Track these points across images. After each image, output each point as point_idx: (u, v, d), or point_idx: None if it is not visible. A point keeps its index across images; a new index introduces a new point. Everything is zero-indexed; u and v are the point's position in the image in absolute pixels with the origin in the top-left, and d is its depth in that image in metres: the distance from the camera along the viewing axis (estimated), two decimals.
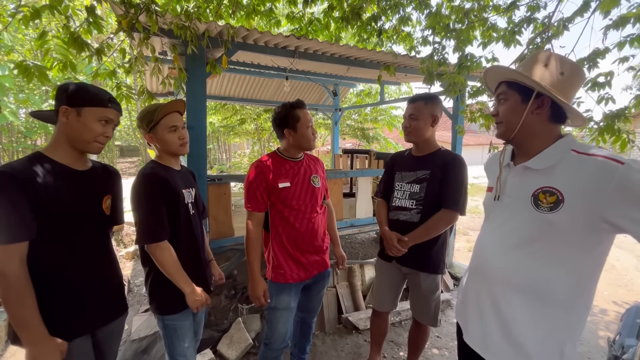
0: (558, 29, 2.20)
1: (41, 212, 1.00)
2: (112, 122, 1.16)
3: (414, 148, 1.85)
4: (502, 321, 0.97)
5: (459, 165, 1.69)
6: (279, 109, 1.63)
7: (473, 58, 2.44)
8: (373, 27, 3.06)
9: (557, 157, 0.92)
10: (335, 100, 5.62)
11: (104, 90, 1.16)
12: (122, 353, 2.30)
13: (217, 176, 2.57)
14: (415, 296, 1.85)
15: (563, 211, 0.86)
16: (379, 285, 1.97)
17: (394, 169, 1.88)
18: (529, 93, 0.94)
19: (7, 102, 8.09)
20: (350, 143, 13.15)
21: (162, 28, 2.04)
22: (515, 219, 0.98)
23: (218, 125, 10.90)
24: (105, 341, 1.25)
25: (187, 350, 1.46)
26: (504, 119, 1.00)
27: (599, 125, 1.98)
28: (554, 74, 0.93)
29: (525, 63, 1.00)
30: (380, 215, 1.90)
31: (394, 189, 1.84)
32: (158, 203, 1.30)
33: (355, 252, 3.20)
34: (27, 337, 0.98)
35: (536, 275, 0.92)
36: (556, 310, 0.91)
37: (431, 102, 1.71)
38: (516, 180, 1.01)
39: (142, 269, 1.45)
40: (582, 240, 0.87)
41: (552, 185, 0.89)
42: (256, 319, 2.56)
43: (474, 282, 1.10)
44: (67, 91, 1.09)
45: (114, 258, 1.29)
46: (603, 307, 3.25)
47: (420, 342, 1.96)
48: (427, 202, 1.70)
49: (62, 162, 1.10)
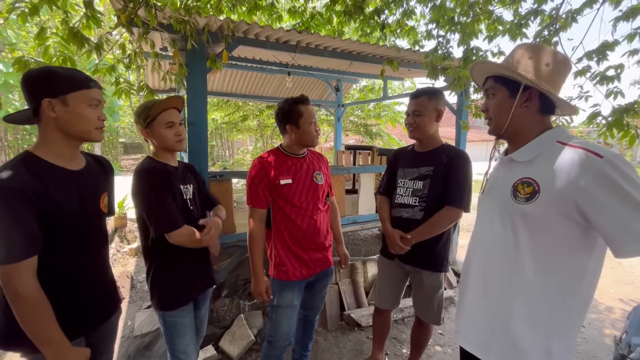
0: (566, 21, 2.15)
1: (46, 222, 0.95)
2: (100, 103, 1.07)
3: (417, 144, 1.81)
4: (501, 320, 0.96)
5: (463, 161, 1.65)
6: (282, 104, 1.60)
7: (478, 52, 2.40)
8: (376, 21, 3.01)
9: (541, 148, 0.91)
10: (337, 96, 5.58)
11: (75, 69, 1.06)
12: (124, 349, 2.32)
13: (219, 172, 2.56)
14: (418, 294, 1.82)
15: (538, 202, 0.86)
16: (381, 283, 1.95)
17: (397, 166, 1.85)
18: (516, 87, 0.93)
19: (11, 99, 8.14)
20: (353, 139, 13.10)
21: (161, 22, 2.01)
22: (498, 212, 0.98)
23: (221, 122, 10.89)
24: (99, 341, 1.21)
25: (187, 347, 1.45)
26: (493, 114, 1.00)
27: (607, 120, 1.93)
28: (540, 65, 0.91)
29: (510, 57, 0.99)
30: (382, 213, 1.86)
31: (397, 186, 1.81)
32: (164, 193, 1.31)
33: (357, 248, 3.19)
34: (52, 353, 0.94)
35: (521, 270, 0.91)
36: (542, 305, 0.90)
37: (435, 97, 1.67)
38: (502, 172, 1.02)
39: (144, 265, 1.44)
40: (561, 234, 0.86)
41: (530, 176, 0.90)
42: (258, 315, 2.55)
43: (466, 280, 1.09)
44: (41, 80, 0.97)
45: (106, 255, 1.27)
46: (609, 304, 3.20)
47: (423, 340, 1.94)
48: (430, 199, 1.67)
49: (56, 163, 1.02)
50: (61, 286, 1.03)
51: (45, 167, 0.99)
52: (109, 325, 1.26)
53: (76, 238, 1.05)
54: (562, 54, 0.95)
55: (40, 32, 1.81)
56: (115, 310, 1.27)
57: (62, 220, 0.99)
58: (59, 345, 0.95)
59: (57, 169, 1.02)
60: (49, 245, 0.97)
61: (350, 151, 5.12)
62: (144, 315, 2.70)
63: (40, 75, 0.98)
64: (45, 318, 0.93)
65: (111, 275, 1.27)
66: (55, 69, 1.01)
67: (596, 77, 1.99)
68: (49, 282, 0.97)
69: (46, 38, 1.85)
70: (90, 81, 1.04)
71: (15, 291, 0.89)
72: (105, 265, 1.22)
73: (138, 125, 1.39)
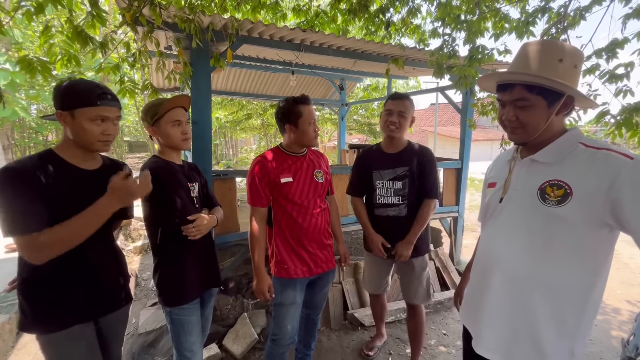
0: (574, 19, 2.12)
1: (49, 207, 1.02)
2: (108, 119, 1.12)
3: (386, 144, 1.92)
4: (528, 324, 0.92)
5: (430, 157, 1.87)
6: (282, 103, 1.60)
7: (484, 50, 2.37)
8: (381, 19, 2.99)
9: (566, 150, 0.89)
10: (341, 95, 5.56)
11: (94, 85, 1.10)
12: (129, 346, 2.33)
13: (223, 171, 2.56)
14: (407, 278, 1.97)
15: (571, 205, 0.84)
16: (371, 273, 2.12)
17: (371, 168, 1.94)
18: (555, 96, 0.86)
19: (18, 98, 8.22)
20: (357, 138, 13.07)
21: (166, 21, 2.01)
22: (521, 214, 0.94)
23: (224, 121, 10.93)
24: (108, 329, 1.27)
25: (193, 345, 1.46)
26: (526, 126, 0.91)
27: (616, 119, 1.90)
28: (569, 68, 0.86)
29: (540, 59, 0.88)
30: (361, 216, 1.98)
31: (375, 187, 1.92)
32: (175, 187, 1.34)
33: (361, 248, 3.18)
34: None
35: (550, 273, 0.89)
36: (567, 307, 0.88)
37: (411, 103, 1.84)
38: (522, 173, 0.97)
39: (149, 263, 1.45)
40: (590, 236, 0.85)
41: (560, 179, 0.87)
42: (261, 314, 2.56)
43: (486, 284, 1.03)
44: (59, 93, 1.08)
45: (115, 250, 1.30)
46: (616, 306, 3.16)
47: (420, 328, 2.04)
48: (411, 196, 1.87)
49: (71, 161, 1.11)
50: (53, 270, 1.08)
51: (58, 161, 1.09)
52: (119, 315, 1.31)
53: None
54: (579, 50, 0.90)
55: (45, 30, 1.82)
56: (123, 305, 1.31)
57: (61, 209, 1.04)
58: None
59: (69, 166, 1.11)
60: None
61: (354, 150, 5.10)
62: (148, 313, 2.72)
63: (61, 89, 1.08)
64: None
65: (120, 270, 1.31)
66: (76, 84, 1.09)
67: (605, 75, 1.96)
68: (52, 269, 1.05)
69: (51, 36, 1.86)
70: (100, 99, 1.09)
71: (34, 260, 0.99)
72: (107, 259, 1.24)
73: (145, 122, 1.40)
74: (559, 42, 0.91)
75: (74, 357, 1.13)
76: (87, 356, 1.17)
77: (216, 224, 1.51)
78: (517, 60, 0.93)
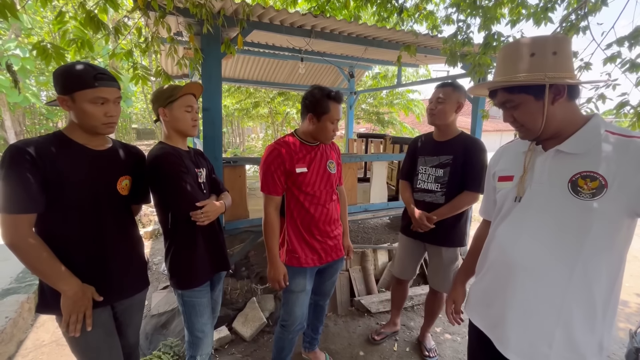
0: (596, 5, 2.04)
1: (52, 187, 1.04)
2: (108, 100, 1.11)
3: (436, 132, 1.93)
4: (562, 324, 0.88)
5: (480, 149, 1.80)
6: (314, 90, 1.54)
7: (500, 37, 2.30)
8: (393, 5, 2.92)
9: (593, 139, 0.86)
10: (350, 83, 5.49)
11: (90, 67, 1.09)
12: (142, 327, 2.41)
13: (233, 158, 2.57)
14: (436, 267, 1.99)
15: (607, 197, 0.81)
16: (402, 256, 2.14)
17: (417, 153, 1.98)
18: (539, 89, 0.86)
19: (28, 84, 8.30)
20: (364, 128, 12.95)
21: (177, 6, 2.00)
22: (550, 209, 0.90)
23: (232, 109, 10.90)
24: (124, 313, 1.31)
25: (205, 326, 1.51)
26: (524, 122, 0.92)
27: (635, 109, 1.85)
28: (547, 57, 0.85)
29: (505, 64, 0.90)
30: (406, 197, 2.02)
31: (418, 172, 1.96)
32: (184, 173, 1.34)
33: (368, 237, 3.20)
34: (65, 287, 1.06)
35: (584, 269, 0.86)
36: (598, 301, 0.86)
37: (458, 90, 1.81)
38: (548, 166, 0.92)
39: (159, 248, 1.49)
40: (620, 227, 0.84)
41: (593, 170, 0.83)
42: (270, 299, 2.61)
43: (509, 286, 0.97)
44: (56, 78, 1.08)
45: (134, 235, 1.32)
46: (624, 298, 3.15)
47: (437, 308, 2.14)
48: (450, 184, 1.84)
49: (79, 141, 1.14)
50: (70, 253, 1.11)
51: (64, 140, 1.11)
52: (135, 301, 1.34)
53: (84, 210, 1.12)
54: (560, 35, 0.90)
55: (59, 16, 1.82)
56: (140, 290, 1.34)
57: (68, 186, 1.07)
58: (68, 278, 1.07)
59: (76, 145, 1.13)
60: (53, 210, 1.06)
61: (362, 139, 5.07)
62: (160, 296, 2.80)
63: (57, 74, 1.08)
64: (47, 260, 1.04)
65: (138, 256, 1.34)
66: (72, 67, 1.08)
67: (626, 64, 1.90)
68: (58, 246, 1.07)
69: (65, 22, 1.86)
70: (97, 80, 1.07)
71: (10, 242, 1.01)
72: (125, 245, 1.26)
73: (156, 104, 1.40)
74: (528, 39, 0.90)
75: (92, 340, 1.16)
76: (105, 340, 1.20)
77: (224, 210, 1.51)
78: (496, 68, 0.97)
